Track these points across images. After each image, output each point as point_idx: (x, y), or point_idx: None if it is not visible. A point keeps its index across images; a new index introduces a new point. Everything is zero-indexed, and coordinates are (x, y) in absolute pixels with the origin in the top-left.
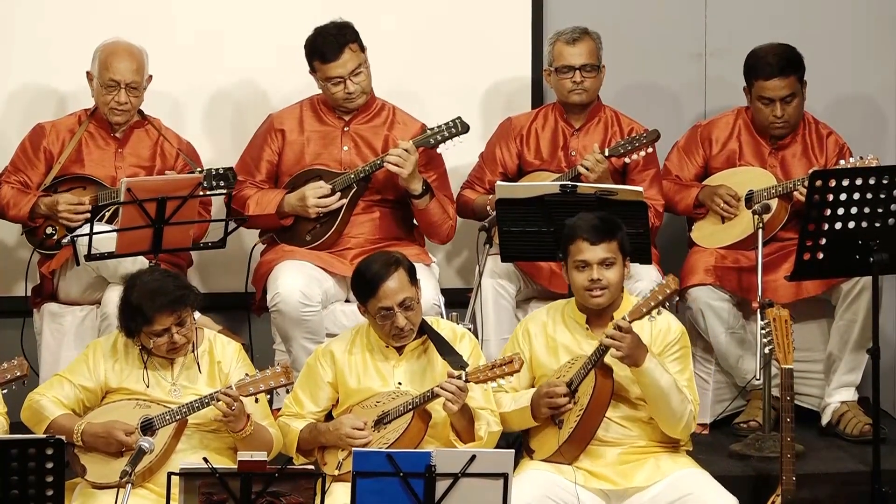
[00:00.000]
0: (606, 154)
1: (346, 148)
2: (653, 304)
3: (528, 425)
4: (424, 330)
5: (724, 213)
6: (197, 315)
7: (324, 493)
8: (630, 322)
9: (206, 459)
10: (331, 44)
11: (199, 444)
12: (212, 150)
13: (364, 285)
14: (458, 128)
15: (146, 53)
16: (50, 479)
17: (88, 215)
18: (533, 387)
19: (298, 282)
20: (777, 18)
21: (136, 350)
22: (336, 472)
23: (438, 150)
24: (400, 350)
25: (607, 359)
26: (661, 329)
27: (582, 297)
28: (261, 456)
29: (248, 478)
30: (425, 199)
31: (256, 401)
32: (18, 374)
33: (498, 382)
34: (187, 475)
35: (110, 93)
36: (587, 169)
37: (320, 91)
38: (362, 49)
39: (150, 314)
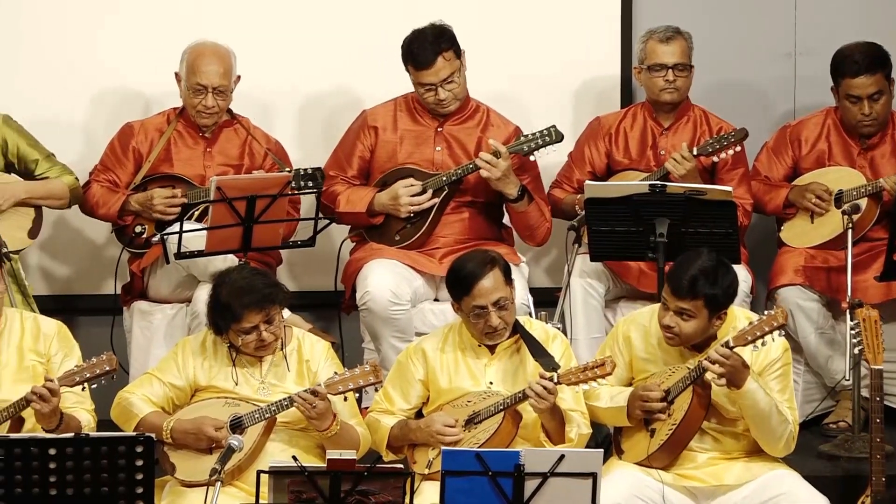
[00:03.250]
0: (695, 153)
1: (438, 148)
2: (758, 334)
3: (621, 424)
4: (517, 330)
5: (815, 209)
6: (287, 314)
7: (413, 492)
8: (732, 348)
9: (295, 458)
10: (425, 51)
11: (288, 442)
12: (300, 150)
13: (459, 283)
14: (553, 136)
15: (234, 54)
16: (139, 476)
17: (181, 208)
18: (630, 386)
19: (388, 281)
20: (867, 17)
21: (224, 348)
22: (426, 471)
23: (531, 158)
24: (492, 349)
25: (707, 375)
26: (764, 346)
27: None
28: (350, 454)
29: (337, 476)
30: (523, 203)
31: (345, 399)
32: (107, 368)
33: (590, 385)
34: (276, 473)
35: (197, 96)
36: (673, 166)
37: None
38: (458, 55)
39: (238, 312)
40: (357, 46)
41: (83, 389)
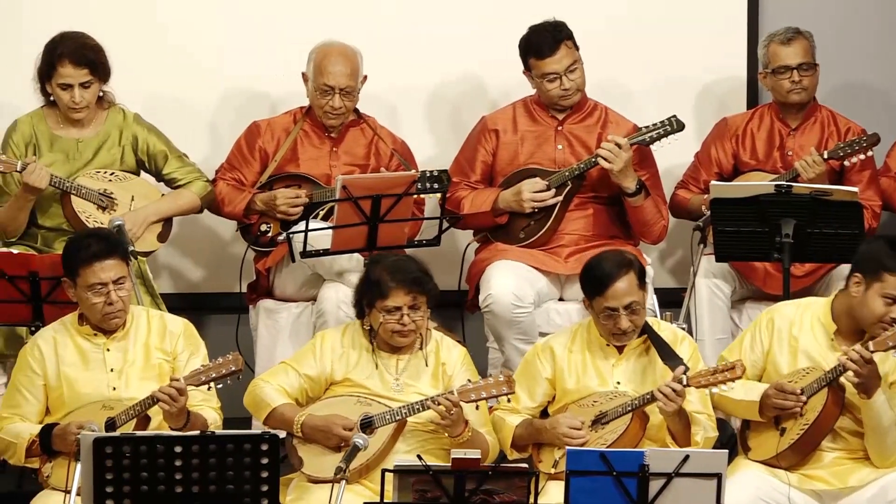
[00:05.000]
0: (825, 157)
1: (560, 147)
2: None
3: (751, 418)
4: (645, 331)
5: None
6: None
7: (537, 491)
8: (872, 352)
9: (420, 457)
10: (547, 40)
11: (418, 444)
12: (427, 149)
13: (593, 282)
14: (673, 125)
15: (361, 55)
16: (265, 475)
17: (307, 208)
18: (761, 378)
19: (510, 283)
20: None
21: (363, 341)
22: (552, 471)
23: (652, 148)
24: (620, 349)
25: (842, 379)
26: None
27: (872, 326)
28: (475, 454)
29: (461, 475)
30: (639, 198)
31: (477, 407)
32: (233, 368)
33: (719, 388)
34: (401, 472)
35: (324, 97)
36: (804, 169)
37: (533, 90)
38: (576, 47)
39: (386, 288)
40: (486, 44)
41: (209, 389)
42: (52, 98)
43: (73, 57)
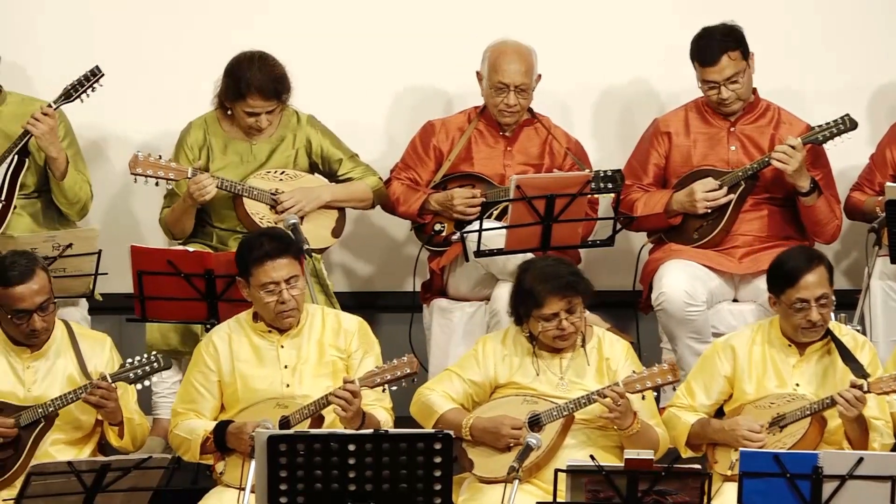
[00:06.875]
0: None
1: (733, 148)
2: None
3: None
4: (828, 333)
5: None
6: (585, 313)
7: (709, 493)
8: None
9: (592, 457)
10: (711, 48)
11: (586, 440)
12: (597, 150)
13: (783, 276)
14: (846, 125)
15: (535, 53)
16: (438, 473)
17: (480, 208)
18: None
19: (682, 282)
20: None
21: (524, 344)
22: (728, 472)
23: (825, 147)
24: (802, 350)
25: None
26: None
27: None
28: (647, 454)
29: (634, 476)
30: (813, 197)
31: (643, 398)
32: (408, 371)
33: None
34: (574, 472)
35: (499, 95)
36: None
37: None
38: (744, 57)
39: (541, 297)
40: (657, 47)
41: (383, 391)
42: (229, 111)
43: (263, 91)
